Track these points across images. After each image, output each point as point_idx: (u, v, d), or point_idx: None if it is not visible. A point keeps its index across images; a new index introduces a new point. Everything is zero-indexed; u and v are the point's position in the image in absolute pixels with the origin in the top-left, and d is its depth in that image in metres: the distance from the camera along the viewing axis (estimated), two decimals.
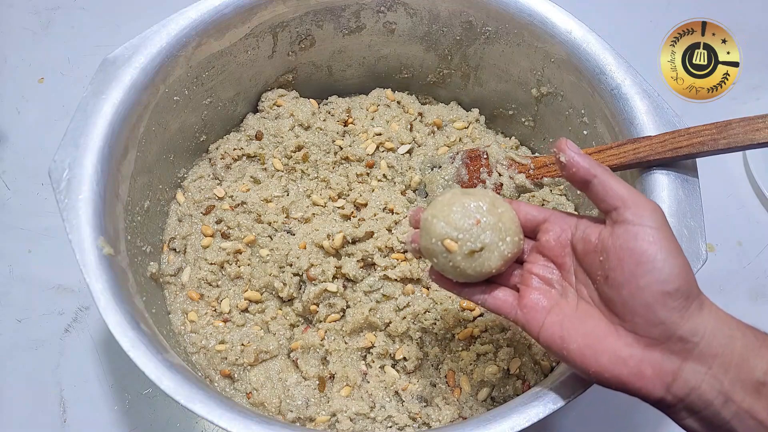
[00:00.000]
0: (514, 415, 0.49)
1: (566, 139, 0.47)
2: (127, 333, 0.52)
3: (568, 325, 0.45)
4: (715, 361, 0.40)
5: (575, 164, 0.46)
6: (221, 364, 0.65)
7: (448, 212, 0.49)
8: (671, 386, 0.41)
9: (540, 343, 0.47)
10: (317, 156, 0.76)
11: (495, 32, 0.73)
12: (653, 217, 0.43)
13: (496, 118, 0.84)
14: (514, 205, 0.51)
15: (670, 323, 0.41)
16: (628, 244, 0.42)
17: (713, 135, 0.54)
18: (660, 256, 0.41)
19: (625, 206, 0.43)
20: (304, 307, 0.67)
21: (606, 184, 0.44)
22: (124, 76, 0.62)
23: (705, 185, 0.57)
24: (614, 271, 0.43)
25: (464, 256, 0.48)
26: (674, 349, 0.41)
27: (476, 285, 0.51)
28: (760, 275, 0.84)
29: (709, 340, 0.41)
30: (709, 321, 0.41)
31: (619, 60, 0.64)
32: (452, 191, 0.51)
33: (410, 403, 0.62)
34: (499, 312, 0.50)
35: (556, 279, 0.49)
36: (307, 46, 0.78)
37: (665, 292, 0.41)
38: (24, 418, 0.73)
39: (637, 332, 0.42)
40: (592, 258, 0.45)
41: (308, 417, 0.62)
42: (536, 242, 0.51)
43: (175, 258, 0.71)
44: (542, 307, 0.48)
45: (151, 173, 0.69)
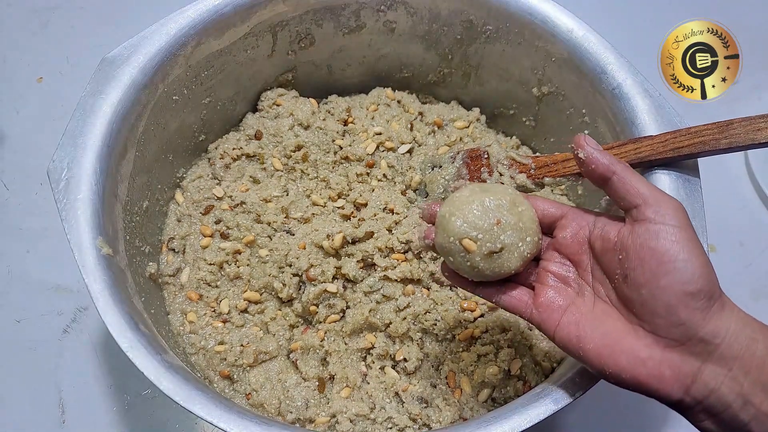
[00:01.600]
0: (514, 416, 0.49)
1: (584, 135, 0.46)
2: (126, 333, 0.51)
3: (585, 324, 0.45)
4: (735, 363, 0.40)
5: (594, 161, 0.45)
6: (220, 364, 0.65)
7: (467, 210, 0.47)
8: (690, 388, 0.40)
9: (555, 343, 0.47)
10: (317, 156, 0.75)
11: (496, 31, 0.73)
12: (676, 216, 0.42)
13: (496, 117, 0.84)
14: (531, 200, 0.50)
15: (691, 324, 0.40)
16: (649, 243, 0.41)
17: (714, 135, 0.53)
18: (682, 255, 0.40)
19: (646, 204, 0.42)
20: (304, 307, 0.66)
21: (626, 182, 0.44)
22: (123, 76, 0.62)
23: (706, 185, 0.57)
24: (634, 271, 0.42)
25: (483, 257, 0.47)
26: (694, 350, 0.40)
27: (491, 283, 0.50)
28: (762, 275, 0.84)
29: (730, 342, 0.40)
30: (731, 322, 0.40)
31: (621, 59, 0.64)
32: (470, 187, 0.50)
33: (410, 404, 0.62)
34: (514, 311, 0.49)
35: (573, 277, 0.48)
36: (307, 45, 0.78)
37: (687, 292, 0.40)
38: (23, 418, 0.73)
39: (657, 333, 0.41)
40: (611, 256, 0.45)
41: (308, 418, 0.62)
42: (553, 239, 0.50)
43: (174, 258, 0.71)
44: (558, 305, 0.47)
45: (150, 173, 0.69)
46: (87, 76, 0.61)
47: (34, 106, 0.94)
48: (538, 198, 0.51)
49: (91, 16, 1.04)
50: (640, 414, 0.74)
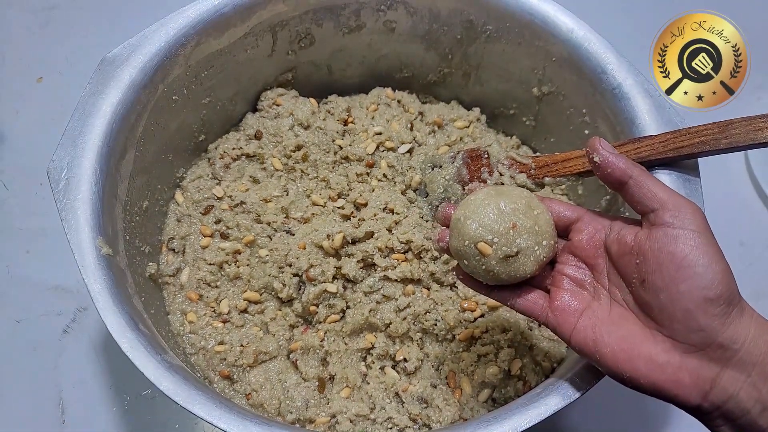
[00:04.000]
0: (515, 416, 0.49)
1: (599, 138, 0.46)
2: (126, 334, 0.51)
3: (602, 328, 0.44)
4: (754, 369, 0.39)
5: (610, 164, 0.44)
6: (220, 365, 0.65)
7: (483, 214, 0.47)
8: (709, 394, 0.40)
9: (571, 347, 0.46)
10: (317, 155, 0.75)
11: (496, 31, 0.73)
12: (694, 220, 0.41)
13: (497, 117, 0.84)
14: (546, 203, 0.49)
15: (710, 330, 0.39)
16: (668, 247, 0.41)
17: (715, 134, 0.53)
18: (702, 261, 0.40)
19: (664, 208, 0.42)
20: (304, 307, 0.66)
21: (643, 185, 0.43)
22: (122, 76, 0.62)
23: (706, 185, 0.57)
24: (652, 275, 0.41)
25: (499, 261, 0.46)
26: (713, 356, 0.40)
27: (506, 287, 0.50)
28: (763, 275, 0.84)
29: (749, 348, 0.39)
30: (750, 328, 0.40)
31: (621, 59, 0.64)
32: (485, 190, 0.49)
33: (410, 405, 0.62)
34: (530, 315, 0.49)
35: (589, 281, 0.48)
36: (307, 45, 0.77)
37: (707, 298, 0.39)
38: (23, 419, 0.73)
39: (676, 338, 0.41)
40: (628, 260, 0.44)
41: (308, 418, 0.61)
42: (568, 242, 0.49)
43: (174, 258, 0.71)
44: (574, 309, 0.46)
45: (150, 173, 0.69)
46: (87, 76, 0.61)
47: (33, 106, 0.94)
48: (554, 200, 0.50)
49: (90, 16, 1.04)
50: (641, 414, 0.74)
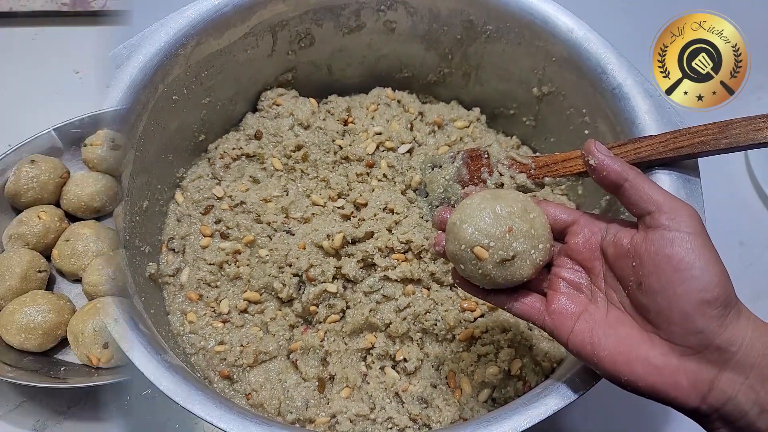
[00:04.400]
0: (515, 416, 0.49)
1: (595, 141, 0.46)
2: (126, 333, 0.51)
3: (599, 331, 0.44)
4: (752, 371, 0.39)
5: (606, 167, 0.44)
6: (220, 365, 0.65)
7: (479, 218, 0.47)
8: (707, 396, 0.40)
9: (569, 350, 0.46)
10: (317, 155, 0.75)
11: (496, 31, 0.73)
12: (691, 223, 0.41)
13: (497, 117, 0.84)
14: (542, 206, 0.49)
15: (707, 332, 0.39)
16: (664, 250, 0.41)
17: (715, 134, 0.53)
18: (699, 263, 0.40)
19: (660, 211, 0.42)
20: (304, 307, 0.66)
21: (639, 188, 0.43)
22: (122, 76, 0.62)
23: (706, 185, 0.57)
24: (649, 278, 0.41)
25: (495, 265, 0.46)
26: (711, 358, 0.40)
27: (503, 291, 0.49)
28: (762, 275, 0.84)
29: (746, 350, 0.39)
30: (747, 330, 0.40)
31: (621, 59, 0.64)
32: (481, 194, 0.49)
33: (410, 405, 0.62)
34: (527, 318, 0.49)
35: (585, 284, 0.48)
36: (307, 45, 0.78)
37: (704, 300, 0.39)
38: None
39: (673, 341, 0.41)
40: (624, 263, 0.44)
41: (308, 418, 0.61)
42: (564, 245, 0.49)
43: (174, 258, 0.71)
44: (571, 312, 0.46)
45: (150, 173, 0.69)
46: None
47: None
48: (549, 203, 0.50)
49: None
50: (640, 414, 0.74)
